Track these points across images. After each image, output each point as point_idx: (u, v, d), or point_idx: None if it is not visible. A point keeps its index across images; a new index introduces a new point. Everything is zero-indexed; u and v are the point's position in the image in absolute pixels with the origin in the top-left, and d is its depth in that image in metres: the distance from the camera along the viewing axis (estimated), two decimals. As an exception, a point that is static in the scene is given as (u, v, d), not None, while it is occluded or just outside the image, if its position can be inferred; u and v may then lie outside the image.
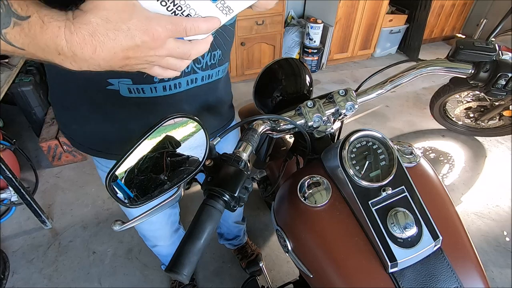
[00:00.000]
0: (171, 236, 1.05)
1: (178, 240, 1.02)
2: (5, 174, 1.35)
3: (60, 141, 1.90)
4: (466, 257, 0.53)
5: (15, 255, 1.57)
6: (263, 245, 1.64)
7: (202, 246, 0.41)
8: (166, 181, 0.48)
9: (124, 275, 1.50)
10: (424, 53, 3.51)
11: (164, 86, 0.60)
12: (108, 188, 0.42)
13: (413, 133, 2.42)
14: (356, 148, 0.55)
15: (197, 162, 0.48)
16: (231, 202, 0.46)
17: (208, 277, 1.50)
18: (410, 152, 0.60)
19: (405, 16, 3.25)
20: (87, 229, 1.70)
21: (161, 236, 1.03)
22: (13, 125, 2.28)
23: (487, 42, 0.61)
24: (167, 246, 1.07)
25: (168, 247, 1.08)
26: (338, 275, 0.53)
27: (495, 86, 0.61)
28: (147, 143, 0.45)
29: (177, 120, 0.47)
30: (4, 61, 1.50)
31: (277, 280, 1.48)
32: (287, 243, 0.60)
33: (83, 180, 1.96)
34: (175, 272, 0.38)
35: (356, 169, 0.54)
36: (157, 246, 1.09)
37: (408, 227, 0.49)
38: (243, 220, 1.44)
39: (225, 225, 1.39)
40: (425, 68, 0.64)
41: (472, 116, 2.20)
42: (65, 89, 0.62)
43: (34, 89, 1.97)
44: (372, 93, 0.65)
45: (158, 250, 1.13)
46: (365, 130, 0.56)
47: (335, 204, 0.56)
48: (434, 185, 0.59)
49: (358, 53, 3.29)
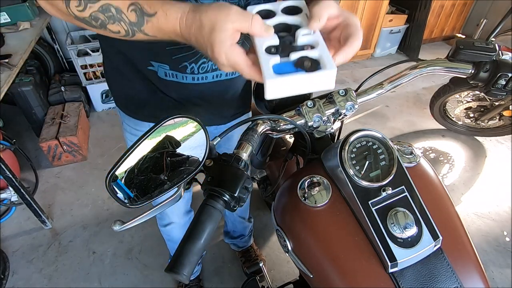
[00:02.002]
0: (184, 215, 1.10)
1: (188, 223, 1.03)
2: (5, 174, 1.35)
3: (60, 141, 1.91)
4: (466, 257, 0.53)
5: (15, 255, 1.57)
6: (263, 245, 1.64)
7: (202, 246, 0.41)
8: (166, 181, 0.48)
9: (124, 275, 1.50)
10: (424, 53, 3.51)
11: (193, 77, 0.68)
12: (108, 188, 0.42)
13: (413, 133, 2.42)
14: (356, 148, 0.55)
15: (197, 162, 0.48)
16: (231, 202, 0.46)
17: (208, 277, 1.50)
18: (410, 152, 0.60)
19: (405, 16, 3.25)
20: (87, 229, 1.70)
21: (175, 212, 1.06)
22: (13, 125, 2.28)
23: (487, 42, 0.61)
24: (179, 226, 1.10)
25: (179, 228, 1.11)
26: (338, 275, 0.53)
27: (495, 86, 0.61)
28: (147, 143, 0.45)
29: (177, 120, 0.47)
30: (4, 61, 1.50)
31: (277, 280, 1.48)
32: (287, 243, 0.60)
33: (83, 180, 1.96)
34: (175, 272, 0.38)
35: (356, 169, 0.54)
36: (170, 225, 1.10)
37: (408, 227, 0.49)
38: (250, 219, 1.44)
39: (230, 219, 1.40)
40: (425, 68, 0.64)
41: (472, 116, 2.20)
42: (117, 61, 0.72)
43: (34, 89, 1.97)
44: (372, 93, 0.65)
45: (170, 231, 1.14)
46: (365, 130, 0.56)
47: (335, 204, 0.56)
48: (434, 185, 0.59)
49: (358, 53, 3.28)
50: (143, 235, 1.66)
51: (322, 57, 0.39)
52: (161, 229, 1.17)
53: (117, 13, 0.43)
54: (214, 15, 0.40)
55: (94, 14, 0.43)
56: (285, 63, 0.40)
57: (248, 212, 1.41)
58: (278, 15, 0.44)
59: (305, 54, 0.40)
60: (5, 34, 1.73)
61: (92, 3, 0.42)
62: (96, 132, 2.33)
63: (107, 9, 0.43)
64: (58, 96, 2.22)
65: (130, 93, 0.76)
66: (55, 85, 2.28)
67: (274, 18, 0.44)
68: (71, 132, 1.95)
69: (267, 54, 0.40)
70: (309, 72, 0.38)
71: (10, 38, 1.72)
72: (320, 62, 0.39)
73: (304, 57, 0.40)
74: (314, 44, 0.41)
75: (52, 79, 2.39)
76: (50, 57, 2.41)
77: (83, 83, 2.32)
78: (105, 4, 0.42)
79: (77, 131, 1.98)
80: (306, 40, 0.42)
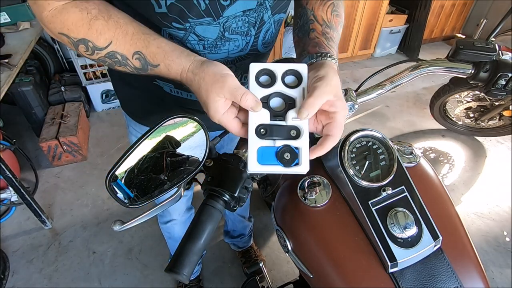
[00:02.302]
0: (185, 212, 1.10)
1: (189, 221, 1.04)
2: (5, 174, 1.35)
3: (60, 141, 1.90)
4: (466, 257, 0.53)
5: (15, 255, 1.57)
6: (263, 245, 1.64)
7: (202, 246, 0.41)
8: (166, 181, 0.48)
9: (124, 275, 1.50)
10: (424, 53, 3.51)
11: None
12: (108, 188, 0.42)
13: (413, 133, 2.42)
14: (356, 148, 0.55)
15: (197, 162, 0.48)
16: (231, 202, 0.46)
17: (208, 277, 1.50)
18: (410, 152, 0.60)
19: (405, 16, 3.25)
20: (87, 229, 1.69)
21: (176, 209, 1.06)
22: (13, 125, 2.28)
23: (487, 42, 0.61)
24: (180, 223, 1.10)
25: (180, 225, 1.11)
26: (338, 275, 0.53)
27: (495, 86, 0.61)
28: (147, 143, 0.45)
29: (177, 120, 0.47)
30: (4, 61, 1.50)
31: (277, 280, 1.48)
32: (287, 243, 0.60)
33: (83, 180, 1.96)
34: (175, 272, 0.38)
35: (356, 169, 0.54)
36: (171, 222, 1.10)
37: (408, 227, 0.49)
38: (250, 218, 1.44)
39: (230, 218, 1.40)
40: (425, 68, 0.64)
41: (472, 116, 2.20)
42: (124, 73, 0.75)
43: (34, 89, 1.97)
44: (372, 93, 0.65)
45: (170, 228, 1.14)
46: (365, 130, 0.56)
47: (335, 204, 0.57)
48: (434, 185, 0.59)
49: (358, 53, 3.29)
50: (143, 235, 1.65)
51: (301, 152, 0.44)
52: (161, 227, 1.17)
53: (122, 59, 0.48)
54: (210, 84, 0.44)
55: (102, 59, 0.48)
56: (269, 148, 0.44)
57: (248, 211, 1.41)
58: (277, 85, 0.46)
59: (288, 143, 0.44)
60: (5, 34, 1.73)
61: (98, 50, 0.47)
62: (96, 132, 2.33)
63: (113, 55, 0.47)
64: (58, 96, 2.22)
65: (137, 101, 0.77)
66: (55, 85, 2.28)
67: (273, 87, 0.46)
68: (71, 132, 1.95)
69: (256, 136, 0.44)
70: (286, 166, 0.44)
71: (10, 38, 1.72)
72: (298, 155, 0.44)
73: (286, 147, 0.44)
74: (300, 129, 0.45)
75: (52, 79, 2.39)
76: (50, 57, 2.41)
77: (83, 83, 2.32)
78: (111, 51, 0.47)
79: (77, 131, 1.98)
80: (294, 123, 0.45)
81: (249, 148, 0.44)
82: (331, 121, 0.46)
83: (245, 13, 0.55)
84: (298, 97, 0.46)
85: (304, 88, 0.46)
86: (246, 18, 0.56)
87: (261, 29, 0.60)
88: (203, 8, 0.50)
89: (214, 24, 0.54)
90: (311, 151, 0.45)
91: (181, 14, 0.50)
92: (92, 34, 0.45)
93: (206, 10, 0.51)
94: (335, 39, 0.56)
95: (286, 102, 0.46)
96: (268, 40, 0.64)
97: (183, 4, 0.49)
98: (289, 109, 0.45)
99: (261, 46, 0.64)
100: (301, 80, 0.46)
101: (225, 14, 0.53)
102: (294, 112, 0.45)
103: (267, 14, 0.58)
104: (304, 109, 0.43)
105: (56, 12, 0.45)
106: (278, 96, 0.46)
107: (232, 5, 0.52)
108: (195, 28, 0.53)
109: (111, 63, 0.49)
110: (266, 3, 0.56)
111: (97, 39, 0.46)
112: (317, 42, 0.54)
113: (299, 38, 0.59)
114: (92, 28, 0.45)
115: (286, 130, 0.45)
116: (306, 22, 0.58)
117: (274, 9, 0.58)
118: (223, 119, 0.45)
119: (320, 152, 0.46)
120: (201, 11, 0.51)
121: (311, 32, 0.56)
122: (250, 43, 0.61)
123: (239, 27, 0.56)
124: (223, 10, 0.52)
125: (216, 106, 0.44)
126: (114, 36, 0.46)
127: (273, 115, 0.45)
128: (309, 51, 0.53)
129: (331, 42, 0.54)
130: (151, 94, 0.72)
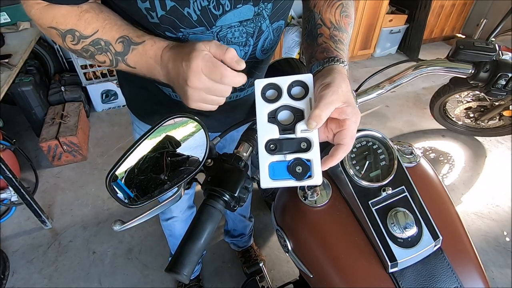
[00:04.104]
0: (186, 210, 1.10)
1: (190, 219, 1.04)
2: (5, 174, 1.35)
3: (60, 141, 1.90)
4: (466, 257, 0.53)
5: (15, 255, 1.57)
6: (263, 245, 1.64)
7: (202, 246, 0.41)
8: (166, 181, 0.48)
9: (124, 275, 1.50)
10: (424, 53, 3.51)
11: None
12: (108, 188, 0.42)
13: (413, 133, 2.42)
14: (356, 148, 0.55)
15: (197, 162, 0.48)
16: (231, 202, 0.46)
17: (208, 277, 1.50)
18: (410, 152, 0.60)
19: (405, 16, 3.25)
20: (87, 229, 1.69)
21: (178, 206, 1.06)
22: (13, 125, 2.28)
23: (487, 42, 0.61)
24: (181, 220, 1.11)
25: (181, 223, 1.12)
26: (338, 275, 0.53)
27: (495, 86, 0.61)
28: (147, 143, 0.45)
29: (177, 120, 0.47)
30: (4, 61, 1.50)
31: (277, 280, 1.47)
32: (287, 243, 0.60)
33: (83, 180, 1.96)
34: (175, 272, 0.38)
35: (356, 169, 0.54)
36: (172, 219, 1.10)
37: (408, 227, 0.49)
38: (250, 218, 1.44)
39: (231, 218, 1.40)
40: (425, 68, 0.64)
41: (472, 116, 2.20)
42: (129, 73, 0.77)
43: (34, 89, 1.97)
44: (372, 93, 0.65)
45: (171, 225, 1.14)
46: (365, 130, 0.56)
47: (335, 204, 0.57)
48: (434, 185, 0.59)
49: (358, 53, 3.29)
50: (143, 235, 1.65)
51: (313, 165, 0.43)
52: (162, 224, 1.17)
53: (105, 45, 0.49)
54: (195, 44, 0.43)
55: (86, 47, 0.49)
56: (281, 163, 0.44)
57: (249, 210, 1.41)
58: (284, 98, 0.46)
59: (299, 156, 0.44)
60: (5, 34, 1.73)
61: (84, 38, 0.48)
62: (96, 132, 2.33)
63: (97, 43, 0.49)
64: (58, 96, 2.22)
65: (141, 99, 0.77)
66: (55, 85, 2.28)
67: (279, 101, 0.46)
68: (71, 132, 1.95)
69: (266, 152, 0.44)
70: (298, 180, 0.44)
71: (10, 38, 1.72)
72: (310, 167, 0.43)
73: (297, 160, 0.44)
74: (310, 141, 0.44)
75: (52, 79, 2.39)
76: (50, 57, 2.41)
77: (83, 83, 2.32)
78: (96, 39, 0.48)
79: (77, 131, 1.98)
80: (304, 135, 0.44)
81: (260, 164, 0.44)
82: (342, 129, 0.44)
83: (242, 24, 0.54)
84: (305, 108, 0.45)
85: (311, 98, 0.45)
86: (243, 29, 0.55)
87: (260, 38, 0.59)
88: (195, 18, 0.50)
89: (207, 33, 0.53)
90: (322, 162, 0.44)
91: (173, 25, 0.51)
92: (81, 24, 0.48)
93: (198, 20, 0.51)
94: (344, 40, 0.55)
95: (294, 114, 0.46)
96: (267, 47, 0.63)
97: (175, 16, 0.49)
98: (297, 121, 0.45)
99: (259, 53, 0.63)
100: (308, 90, 0.46)
101: (218, 24, 0.53)
102: (303, 124, 0.44)
103: (265, 23, 0.57)
104: (311, 120, 0.42)
105: (46, 8, 0.47)
106: (285, 109, 0.46)
107: (225, 15, 0.52)
108: (188, 37, 0.53)
109: (92, 52, 0.50)
110: (264, 12, 0.55)
111: (85, 29, 0.48)
112: (325, 47, 0.53)
113: (307, 44, 0.57)
114: (81, 19, 0.48)
115: (296, 143, 0.45)
116: (314, 27, 0.57)
117: (273, 18, 0.57)
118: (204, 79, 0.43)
119: (332, 163, 0.44)
120: (193, 22, 0.51)
121: (319, 37, 0.55)
122: (249, 52, 0.60)
123: (236, 38, 0.56)
124: (216, 19, 0.52)
125: (200, 54, 0.42)
126: (101, 26, 0.48)
127: (282, 129, 0.45)
128: (317, 57, 0.52)
129: (339, 45, 0.53)
130: (155, 94, 0.72)
